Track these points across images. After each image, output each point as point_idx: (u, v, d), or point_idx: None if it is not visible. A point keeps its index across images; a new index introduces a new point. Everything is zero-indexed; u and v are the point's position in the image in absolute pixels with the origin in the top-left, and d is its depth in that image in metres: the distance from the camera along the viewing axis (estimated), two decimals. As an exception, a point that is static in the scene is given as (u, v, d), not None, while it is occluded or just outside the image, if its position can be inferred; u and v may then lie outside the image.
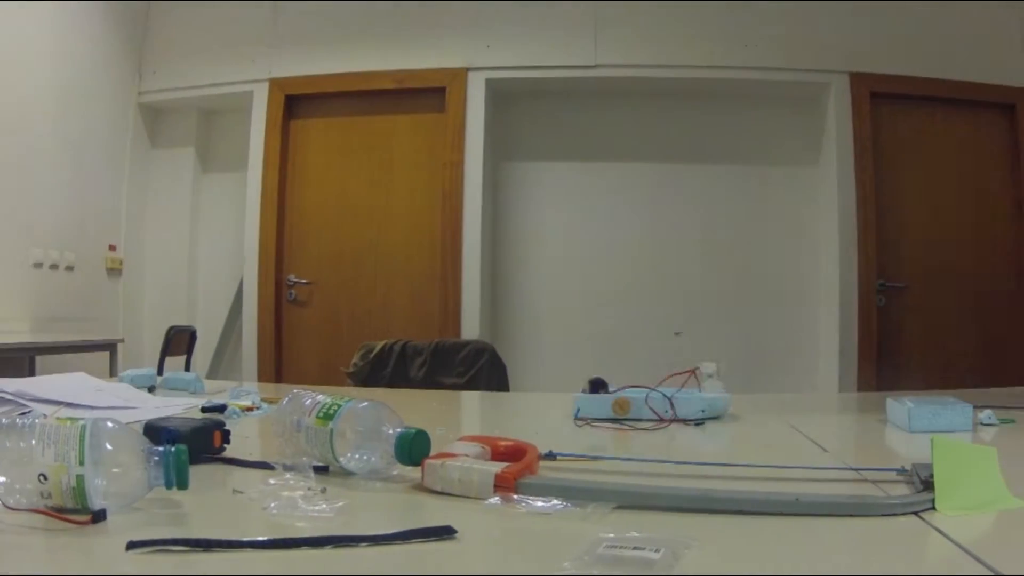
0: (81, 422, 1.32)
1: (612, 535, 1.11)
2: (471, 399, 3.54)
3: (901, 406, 2.23)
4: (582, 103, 8.01)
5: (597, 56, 7.54)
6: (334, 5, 8.03)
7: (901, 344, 7.34)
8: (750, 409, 2.90)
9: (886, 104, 7.46)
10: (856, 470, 1.69)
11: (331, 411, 1.61)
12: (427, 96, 7.91)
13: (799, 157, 7.77)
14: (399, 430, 1.56)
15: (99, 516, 1.26)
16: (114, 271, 8.38)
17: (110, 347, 6.93)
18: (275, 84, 8.17)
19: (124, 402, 2.53)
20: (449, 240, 7.69)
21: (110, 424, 1.33)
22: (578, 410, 2.50)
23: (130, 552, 1.11)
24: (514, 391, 4.88)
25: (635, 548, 1.06)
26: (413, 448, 1.53)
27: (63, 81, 7.57)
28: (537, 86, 7.86)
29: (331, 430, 1.59)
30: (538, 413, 2.81)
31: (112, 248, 8.32)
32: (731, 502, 1.33)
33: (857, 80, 7.39)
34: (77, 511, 1.27)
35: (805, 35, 7.39)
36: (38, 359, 6.67)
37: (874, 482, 1.56)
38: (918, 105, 7.44)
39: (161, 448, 1.33)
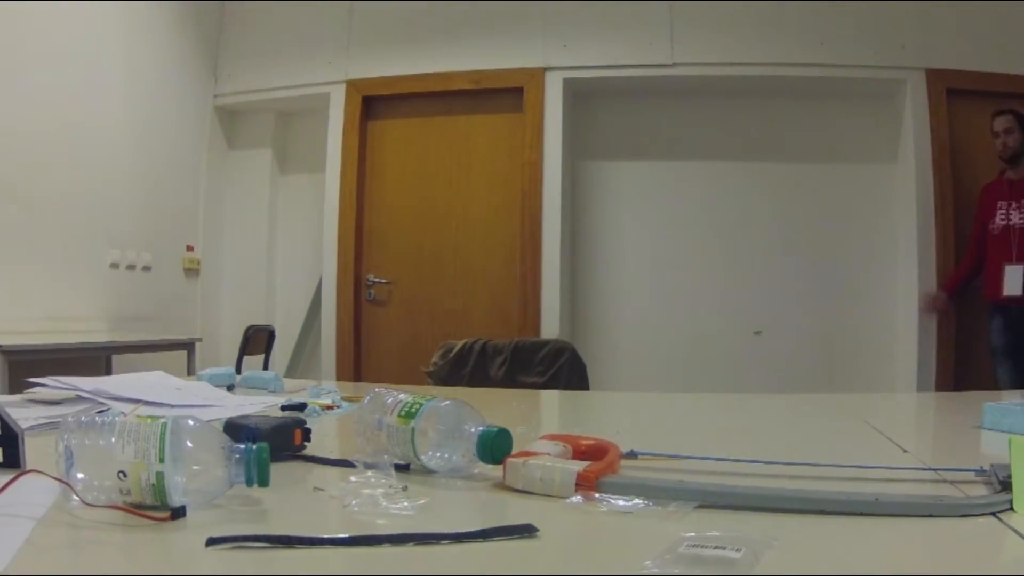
0: (162, 420, 1.32)
1: (693, 534, 1.10)
2: (551, 398, 3.53)
3: (999, 407, 2.21)
4: (659, 102, 7.98)
5: (674, 55, 7.51)
6: (409, 6, 8.06)
7: (978, 345, 7.26)
8: (830, 408, 2.88)
9: (962, 101, 7.37)
10: (935, 470, 1.66)
11: (413, 410, 1.61)
12: (505, 96, 7.92)
13: (876, 155, 7.70)
14: (481, 428, 1.55)
15: (178, 513, 1.26)
16: (192, 271, 8.46)
17: (188, 346, 7.01)
18: (352, 86, 8.21)
19: (203, 400, 2.55)
20: (528, 239, 7.69)
21: (191, 422, 1.34)
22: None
23: (209, 548, 1.11)
24: (594, 390, 4.87)
25: (716, 547, 1.05)
26: (495, 446, 1.53)
27: (138, 84, 7.68)
28: (614, 85, 7.84)
29: (413, 428, 1.59)
30: (619, 412, 2.80)
31: (190, 249, 8.40)
32: (811, 502, 1.32)
33: (933, 76, 7.31)
34: (156, 508, 1.27)
35: (881, 31, 7.31)
36: (114, 358, 6.75)
37: (952, 483, 1.54)
38: (994, 102, 7.36)
39: (242, 446, 1.33)
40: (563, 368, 4.62)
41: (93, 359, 6.57)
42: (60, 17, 6.76)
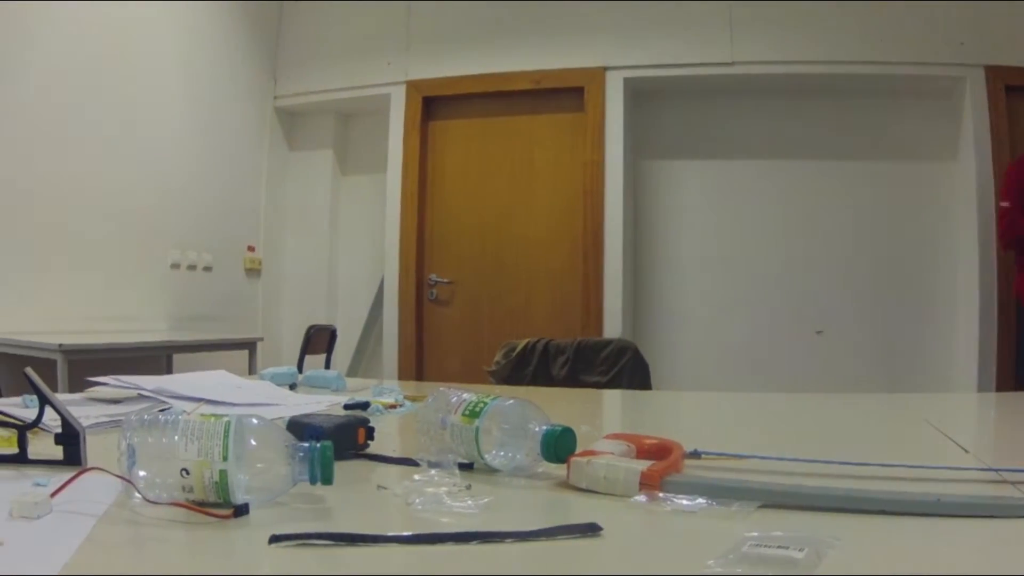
0: (225, 418, 1.34)
1: (756, 533, 1.10)
2: (614, 397, 3.53)
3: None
4: (719, 101, 7.95)
5: (733, 53, 7.48)
6: (467, 6, 8.08)
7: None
8: (891, 408, 2.87)
9: (1021, 97, 7.29)
10: (997, 471, 1.65)
11: (477, 409, 1.61)
12: (565, 96, 7.91)
13: (936, 153, 7.62)
14: (545, 427, 1.55)
15: (241, 510, 1.28)
16: (253, 271, 8.51)
17: (249, 346, 7.05)
18: (412, 86, 8.23)
19: (265, 399, 2.57)
20: (591, 239, 7.68)
21: (254, 420, 1.36)
22: None
23: (273, 546, 1.12)
24: (656, 389, 4.86)
25: (779, 547, 1.04)
26: (559, 445, 1.53)
27: (198, 86, 7.77)
28: (675, 84, 7.82)
29: (477, 427, 1.59)
30: (682, 411, 2.80)
31: (251, 249, 8.46)
32: (873, 502, 1.31)
33: (992, 74, 7.23)
34: (219, 505, 1.29)
35: (939, 29, 7.23)
36: (175, 357, 6.81)
37: (1014, 483, 1.52)
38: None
39: (306, 444, 1.34)
40: (625, 367, 4.61)
41: (154, 358, 6.63)
42: (120, 19, 6.84)
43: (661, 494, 1.36)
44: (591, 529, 1.18)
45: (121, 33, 6.88)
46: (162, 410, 1.91)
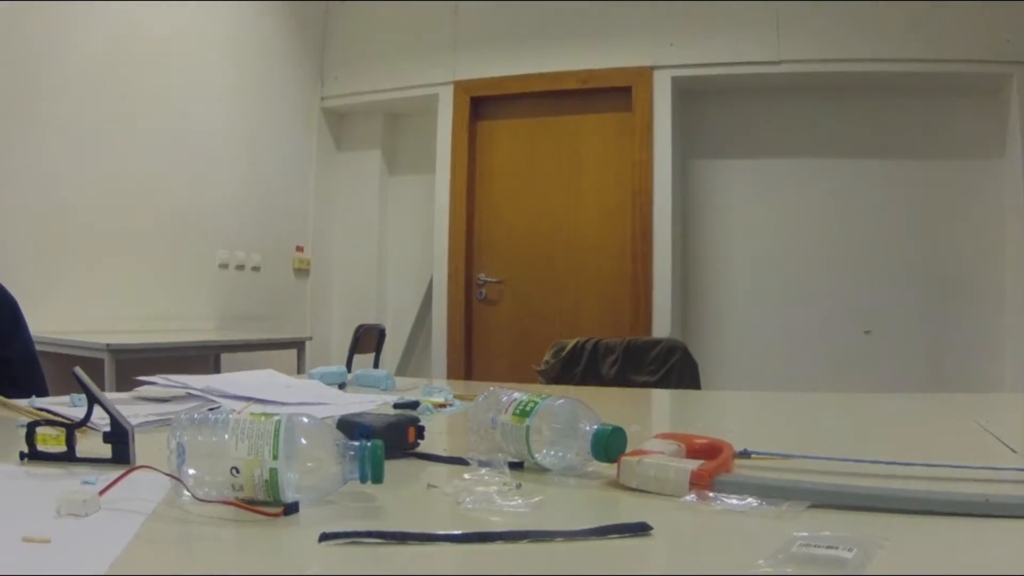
0: (276, 417, 1.35)
1: (806, 534, 1.10)
2: (663, 397, 3.53)
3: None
4: (767, 99, 7.92)
5: (780, 52, 7.45)
6: (514, 6, 8.08)
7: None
8: (939, 408, 2.86)
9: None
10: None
11: (528, 408, 1.62)
12: (613, 95, 7.91)
13: (983, 150, 7.54)
14: (596, 427, 1.55)
15: (291, 509, 1.29)
16: (301, 271, 8.56)
17: (298, 345, 7.09)
18: (460, 86, 8.25)
19: (315, 398, 2.57)
20: (639, 238, 7.67)
21: (305, 419, 1.36)
22: None
23: (322, 544, 1.13)
24: (705, 389, 4.86)
25: (828, 547, 1.04)
26: (609, 445, 1.53)
27: (246, 87, 7.84)
28: (722, 83, 7.80)
29: (528, 427, 1.59)
30: (732, 411, 2.79)
31: (299, 249, 8.51)
32: (921, 502, 1.31)
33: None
34: (268, 504, 1.30)
35: (986, 26, 7.19)
36: (223, 356, 6.84)
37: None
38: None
39: (357, 443, 1.35)
40: (675, 367, 4.60)
41: (201, 358, 6.68)
42: (168, 19, 6.90)
43: (711, 494, 1.36)
44: (641, 528, 1.17)
45: (169, 33, 6.94)
46: (211, 409, 1.92)
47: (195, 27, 7.25)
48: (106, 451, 1.63)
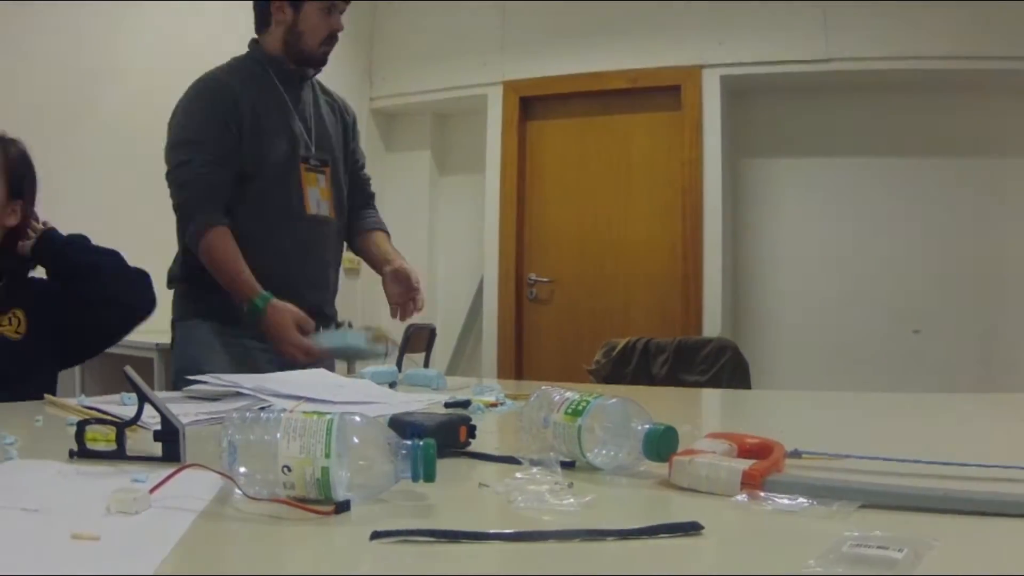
0: (328, 416, 1.36)
1: (856, 534, 1.10)
2: (714, 397, 3.53)
3: None
4: (816, 98, 7.88)
5: (828, 50, 7.41)
6: (562, 5, 8.07)
7: None
8: (990, 408, 2.84)
9: None
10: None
11: (580, 407, 1.62)
12: (662, 94, 7.90)
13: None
14: (648, 426, 1.56)
15: (343, 507, 1.29)
16: (352, 271, 8.55)
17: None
18: (509, 87, 8.26)
19: (366, 397, 2.58)
20: (689, 237, 7.66)
21: (357, 418, 1.37)
22: None
23: (374, 542, 1.13)
24: (755, 388, 4.85)
25: (879, 547, 1.04)
26: (661, 444, 1.53)
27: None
28: (770, 82, 7.78)
29: (579, 426, 1.60)
30: (782, 410, 2.79)
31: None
32: (972, 503, 1.30)
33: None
34: (320, 502, 1.31)
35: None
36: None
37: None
38: None
39: (409, 442, 1.36)
40: (725, 367, 4.60)
41: (252, 357, 6.71)
42: (214, 20, 6.92)
43: (762, 493, 1.36)
44: (692, 528, 1.18)
45: (215, 34, 6.96)
46: (262, 408, 1.93)
47: (241, 29, 7.28)
48: (156, 449, 1.65)
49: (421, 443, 1.35)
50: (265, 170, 3.51)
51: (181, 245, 3.84)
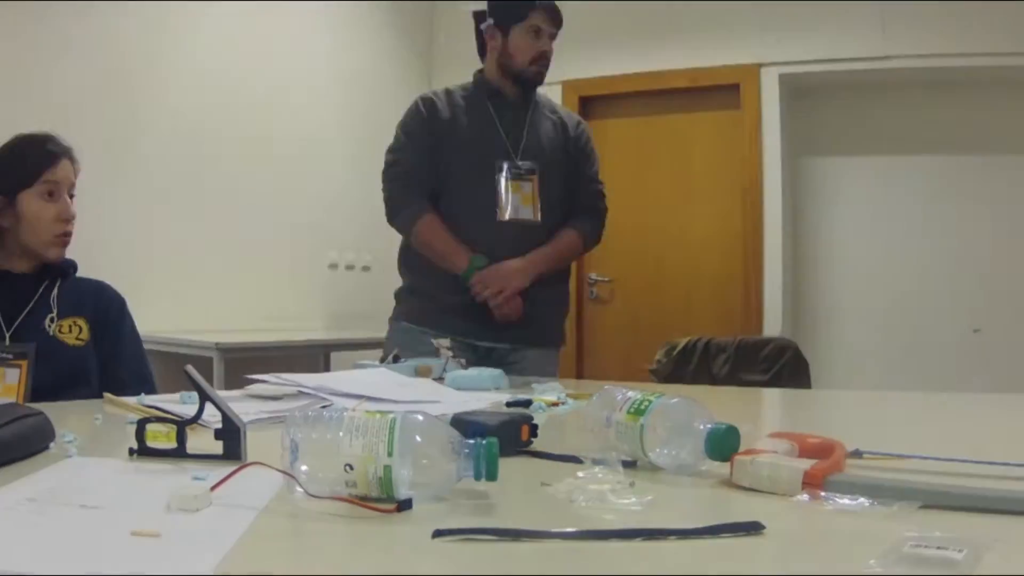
0: (391, 415, 1.37)
1: (916, 534, 1.09)
2: (774, 396, 3.53)
3: None
4: (875, 95, 7.83)
5: (887, 48, 7.36)
6: (621, 5, 8.05)
7: None
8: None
9: None
10: None
11: (642, 406, 1.62)
12: (721, 93, 7.87)
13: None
14: (710, 426, 1.56)
15: (404, 505, 1.30)
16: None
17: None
18: (569, 86, 8.25)
19: (428, 396, 2.59)
20: (750, 236, 7.64)
21: (420, 417, 1.38)
22: None
23: (435, 540, 1.14)
24: (816, 388, 4.83)
25: (938, 548, 1.04)
26: (723, 443, 1.54)
27: (353, 89, 7.94)
28: (829, 80, 7.74)
29: (642, 425, 1.60)
30: (844, 410, 2.78)
31: (410, 248, 8.55)
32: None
33: None
34: (382, 500, 1.32)
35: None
36: (333, 356, 6.90)
37: None
38: None
39: (472, 441, 1.37)
40: (786, 366, 4.60)
41: (311, 357, 6.73)
42: (274, 21, 7.00)
43: (823, 493, 1.36)
44: (754, 528, 1.18)
45: (275, 35, 7.03)
46: (324, 406, 1.94)
47: (302, 32, 7.34)
48: (216, 448, 1.66)
49: (484, 442, 1.36)
50: (459, 176, 4.04)
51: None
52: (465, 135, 4.10)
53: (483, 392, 2.88)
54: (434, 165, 4.09)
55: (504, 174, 3.98)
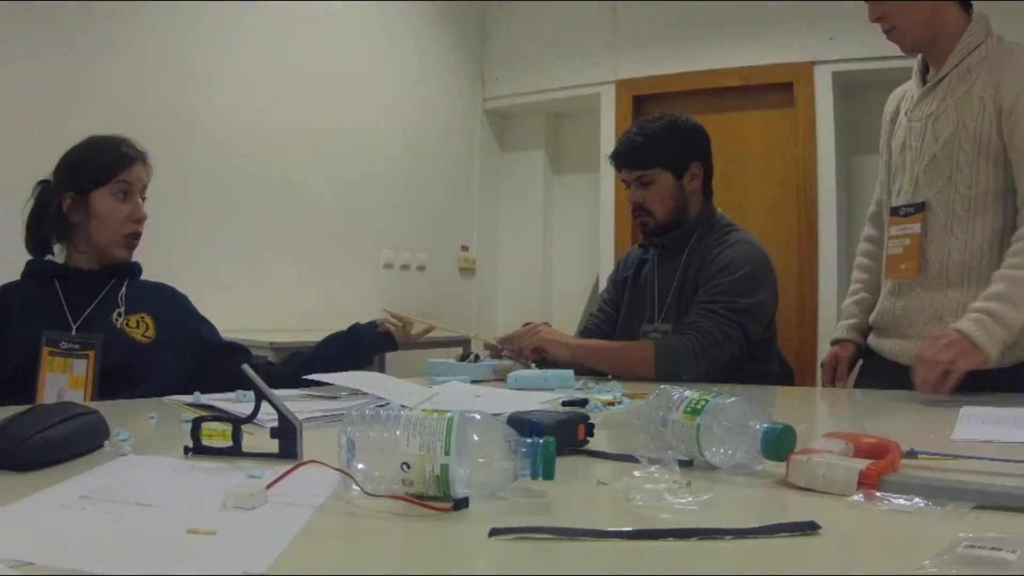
0: (448, 414, 1.38)
1: (971, 534, 1.09)
2: (829, 396, 3.51)
3: None
4: (928, 94, 7.79)
5: (938, 45, 7.30)
6: (673, 5, 8.03)
7: None
8: None
9: None
10: None
11: (699, 406, 1.63)
12: (774, 92, 7.83)
13: None
14: (766, 425, 1.57)
15: (461, 504, 1.31)
16: (467, 271, 8.61)
17: (464, 343, 7.12)
18: (621, 85, 8.24)
19: (484, 395, 2.60)
20: (804, 235, 7.59)
21: (477, 416, 1.39)
22: None
23: (492, 539, 1.15)
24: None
25: (992, 548, 1.04)
26: (779, 443, 1.54)
27: (407, 90, 7.97)
28: (883, 77, 7.63)
29: (698, 424, 1.61)
30: (897, 410, 2.77)
31: (465, 249, 8.54)
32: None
33: None
34: (438, 499, 1.33)
35: None
36: (388, 354, 6.91)
37: None
38: None
39: (529, 440, 1.37)
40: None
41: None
42: (326, 22, 7.08)
43: (878, 493, 1.36)
44: (810, 527, 1.19)
45: (327, 36, 7.07)
46: (380, 405, 1.96)
47: (354, 33, 7.37)
48: (272, 447, 1.68)
49: (541, 441, 1.36)
50: None
51: None
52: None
53: (539, 392, 2.89)
54: None
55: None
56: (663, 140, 4.19)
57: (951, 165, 3.25)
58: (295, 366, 3.37)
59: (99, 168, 3.15)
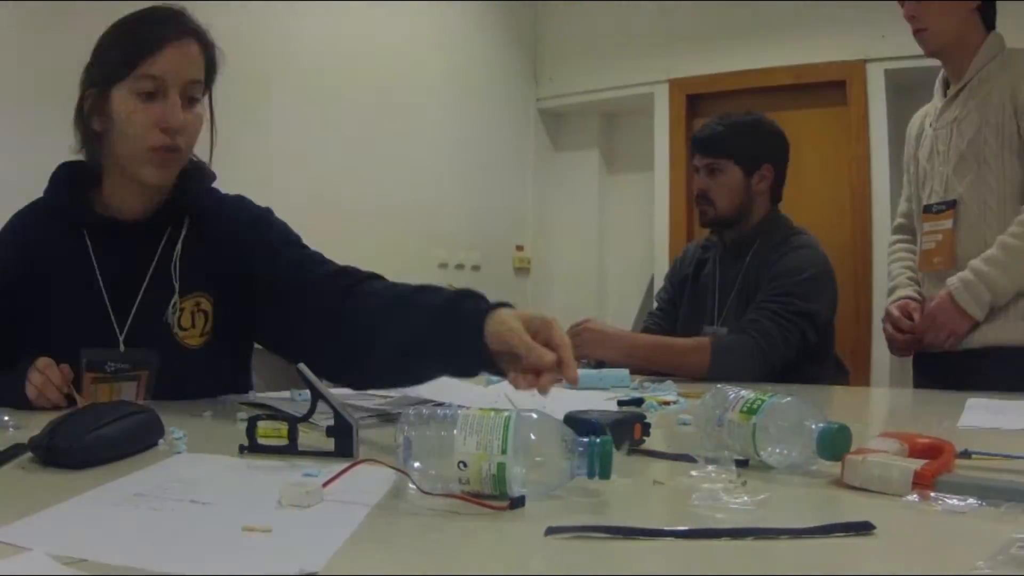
0: (506, 413, 1.38)
1: (1024, 535, 1.10)
2: (883, 396, 3.51)
3: None
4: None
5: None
6: (725, 4, 8.01)
7: None
8: None
9: None
10: None
11: (755, 406, 1.64)
12: (827, 90, 7.80)
13: None
14: (821, 425, 1.57)
15: (517, 502, 1.32)
16: (522, 270, 8.62)
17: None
18: (675, 85, 8.23)
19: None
20: (858, 234, 7.55)
21: (534, 415, 1.39)
22: None
23: (548, 538, 1.15)
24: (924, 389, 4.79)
25: (1047, 549, 1.05)
26: (835, 443, 1.54)
27: (461, 90, 8.02)
28: (935, 76, 7.55)
29: (754, 424, 1.62)
30: (952, 411, 2.76)
31: (519, 248, 8.55)
32: None
33: None
34: (495, 497, 1.33)
35: None
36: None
37: None
38: None
39: (586, 439, 1.38)
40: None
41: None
42: (380, 23, 7.10)
43: (933, 494, 1.36)
44: (864, 528, 1.19)
45: (381, 34, 7.09)
46: (437, 405, 1.96)
47: (409, 30, 7.39)
48: (328, 445, 1.70)
49: (598, 440, 1.37)
50: None
51: None
52: None
53: (596, 391, 2.90)
54: None
55: None
56: (741, 134, 4.24)
57: (978, 160, 3.50)
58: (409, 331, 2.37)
59: (116, 56, 2.36)
